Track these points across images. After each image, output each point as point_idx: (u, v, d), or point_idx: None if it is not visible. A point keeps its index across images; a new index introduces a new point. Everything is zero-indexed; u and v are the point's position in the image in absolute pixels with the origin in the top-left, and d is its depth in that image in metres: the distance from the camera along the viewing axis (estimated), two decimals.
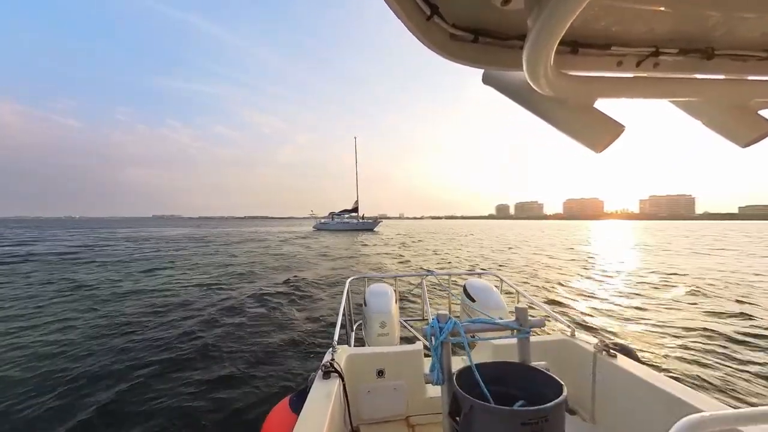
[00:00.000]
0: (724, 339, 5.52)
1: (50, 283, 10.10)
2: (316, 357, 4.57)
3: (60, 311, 7.17)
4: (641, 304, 7.93)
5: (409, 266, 14.76)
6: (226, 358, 4.66)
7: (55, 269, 12.86)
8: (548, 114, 1.11)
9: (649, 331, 6.03)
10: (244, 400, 3.61)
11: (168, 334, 5.61)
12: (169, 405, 3.51)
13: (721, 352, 5.02)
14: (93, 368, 4.38)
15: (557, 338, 2.17)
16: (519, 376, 1.26)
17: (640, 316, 6.90)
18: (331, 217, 56.97)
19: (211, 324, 6.19)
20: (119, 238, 32.88)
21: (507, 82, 1.19)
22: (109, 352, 4.90)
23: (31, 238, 30.57)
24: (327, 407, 1.42)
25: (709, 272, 12.62)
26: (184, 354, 4.79)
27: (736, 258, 17.48)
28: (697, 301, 8.22)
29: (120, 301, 8.04)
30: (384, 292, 2.95)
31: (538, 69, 0.84)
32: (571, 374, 1.71)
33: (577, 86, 0.96)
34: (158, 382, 3.98)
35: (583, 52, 0.95)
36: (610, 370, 1.78)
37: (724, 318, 6.78)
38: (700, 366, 4.56)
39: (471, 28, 0.91)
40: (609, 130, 1.01)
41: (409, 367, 2.04)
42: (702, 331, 5.87)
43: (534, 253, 20.44)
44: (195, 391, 3.78)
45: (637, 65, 0.98)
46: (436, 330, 1.25)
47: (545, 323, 1.42)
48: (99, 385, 3.94)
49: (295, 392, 1.71)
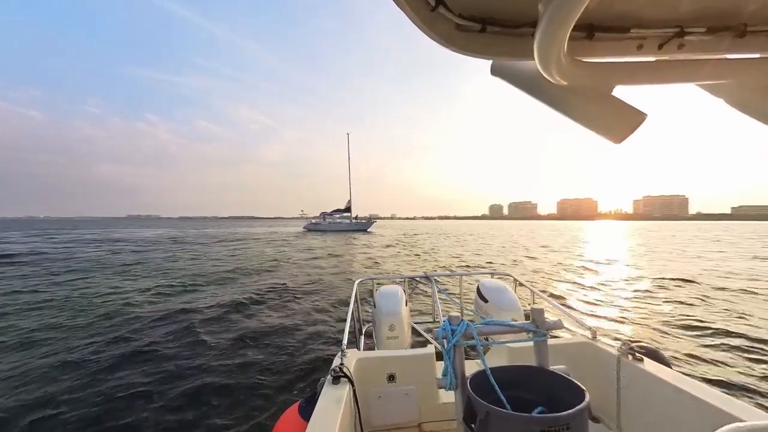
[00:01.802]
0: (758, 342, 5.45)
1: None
2: (325, 361, 4.59)
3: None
4: (660, 304, 8.17)
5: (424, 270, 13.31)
6: (232, 364, 4.68)
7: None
8: (562, 105, 1.08)
9: (674, 333, 6.01)
10: (253, 407, 3.65)
11: (163, 340, 5.58)
12: (177, 412, 3.54)
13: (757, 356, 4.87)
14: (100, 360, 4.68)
15: (577, 341, 2.06)
16: (537, 381, 1.24)
17: (663, 318, 6.93)
18: (323, 217, 56.62)
19: (212, 329, 6.18)
20: (84, 240, 30.75)
21: (517, 73, 1.16)
22: (117, 357, 4.91)
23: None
24: (337, 413, 1.39)
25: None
26: (187, 358, 4.82)
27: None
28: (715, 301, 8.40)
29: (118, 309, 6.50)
30: (394, 294, 2.96)
31: (551, 57, 0.83)
32: (592, 379, 1.72)
33: (594, 74, 0.96)
34: (163, 389, 3.97)
35: (600, 37, 0.92)
36: (636, 374, 1.69)
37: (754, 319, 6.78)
38: (735, 369, 4.49)
39: (478, 17, 0.89)
40: (629, 119, 0.99)
41: (420, 372, 2.01)
42: (730, 334, 5.85)
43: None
44: (203, 397, 3.81)
45: (659, 48, 0.94)
46: (447, 333, 1.24)
47: (563, 325, 1.37)
48: (100, 387, 4.02)
49: (305, 398, 1.70)
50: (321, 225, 54.88)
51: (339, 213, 55.75)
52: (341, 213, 55.70)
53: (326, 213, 56.39)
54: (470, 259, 17.34)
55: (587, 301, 8.55)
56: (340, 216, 55.90)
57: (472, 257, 18.39)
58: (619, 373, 1.77)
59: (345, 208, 55.49)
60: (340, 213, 55.74)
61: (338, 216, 55.92)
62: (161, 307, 7.64)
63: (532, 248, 24.58)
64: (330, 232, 49.92)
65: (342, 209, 55.59)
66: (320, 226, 54.62)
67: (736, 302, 8.28)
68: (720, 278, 11.69)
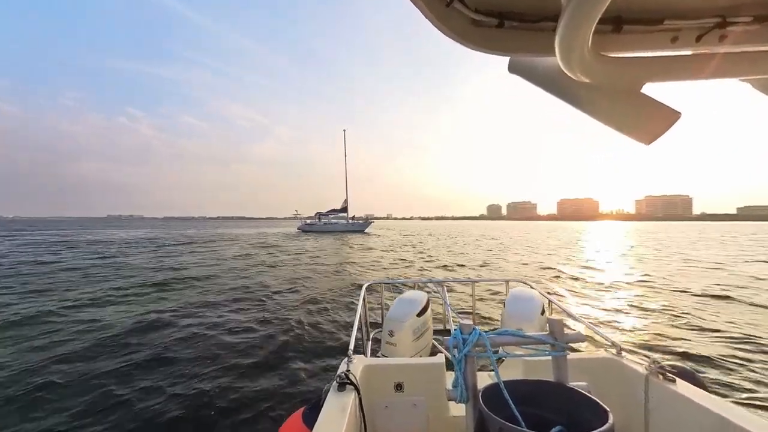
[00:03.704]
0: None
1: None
2: (331, 367, 4.55)
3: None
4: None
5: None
6: (233, 366, 4.67)
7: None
8: (586, 103, 1.03)
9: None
10: (255, 413, 3.62)
11: (164, 346, 5.37)
12: (176, 419, 3.52)
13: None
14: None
15: (600, 356, 1.97)
16: (555, 398, 1.18)
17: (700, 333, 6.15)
18: (318, 217, 55.53)
19: (213, 332, 5.97)
20: (49, 242, 27.68)
21: (537, 70, 1.12)
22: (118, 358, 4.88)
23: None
24: (342, 422, 1.38)
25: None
26: (189, 363, 4.77)
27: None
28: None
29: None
30: (406, 300, 2.95)
31: (574, 53, 0.80)
32: (617, 399, 1.65)
33: (621, 70, 0.91)
34: (161, 396, 3.91)
35: (629, 30, 0.88)
36: (666, 396, 1.57)
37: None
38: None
39: (495, 11, 0.87)
40: (661, 118, 0.94)
41: (429, 382, 1.96)
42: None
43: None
44: (204, 403, 3.80)
45: (697, 40, 0.88)
46: (459, 342, 1.22)
47: (584, 338, 1.34)
48: (101, 390, 3.98)
49: (309, 404, 1.70)
50: (316, 226, 53.74)
51: (335, 213, 54.80)
52: (337, 213, 54.75)
53: (321, 213, 55.29)
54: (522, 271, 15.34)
55: (609, 311, 7.78)
56: (336, 216, 54.96)
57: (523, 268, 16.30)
58: (647, 393, 1.63)
59: (341, 208, 54.55)
60: (336, 213, 54.81)
61: (334, 216, 54.97)
62: (161, 308, 7.66)
63: (543, 248, 24.11)
64: (325, 233, 48.73)
65: (338, 209, 54.64)
66: (315, 226, 53.52)
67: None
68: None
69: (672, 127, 0.93)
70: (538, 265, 15.66)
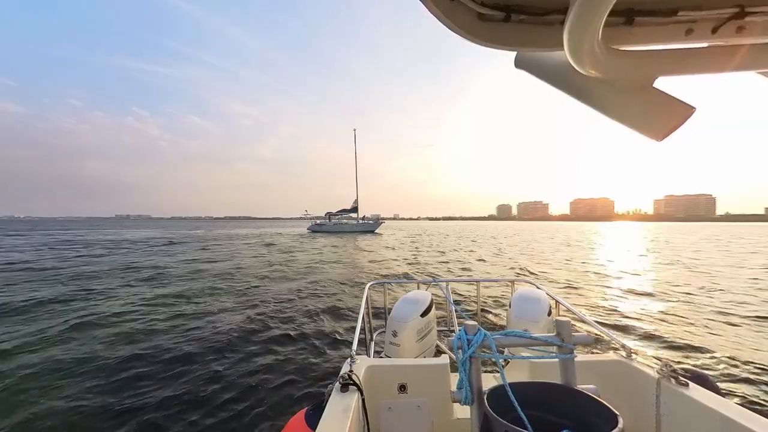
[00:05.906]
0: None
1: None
2: (334, 368, 4.61)
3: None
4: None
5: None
6: (233, 367, 4.72)
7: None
8: (596, 99, 1.03)
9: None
10: (257, 413, 3.66)
11: (170, 347, 5.42)
12: (176, 419, 3.57)
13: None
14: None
15: (609, 358, 1.93)
16: (562, 401, 1.19)
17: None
18: (328, 217, 55.79)
19: (216, 333, 6.00)
20: (61, 241, 28.41)
21: (545, 65, 1.11)
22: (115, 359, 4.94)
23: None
24: (344, 424, 1.38)
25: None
26: (191, 364, 4.83)
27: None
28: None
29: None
30: (409, 300, 2.94)
31: (583, 47, 0.79)
32: (627, 403, 1.66)
33: (633, 63, 0.90)
34: (165, 395, 3.99)
35: (641, 22, 0.87)
36: (679, 401, 1.54)
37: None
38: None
39: (502, 4, 0.86)
40: (674, 113, 0.93)
41: (434, 383, 1.95)
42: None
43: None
44: (207, 403, 3.85)
45: (713, 32, 0.86)
46: (463, 342, 1.22)
47: (593, 340, 1.32)
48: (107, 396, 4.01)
49: (311, 405, 1.70)
50: (326, 226, 54.04)
51: (345, 213, 55.03)
52: (347, 213, 54.96)
53: (332, 213, 55.59)
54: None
55: (621, 314, 7.51)
56: (347, 216, 55.22)
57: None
58: (658, 398, 1.62)
59: (351, 208, 54.69)
60: (346, 213, 55.03)
61: (344, 216, 55.21)
62: (160, 311, 7.63)
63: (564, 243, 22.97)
64: (337, 233, 48.96)
65: (348, 209, 54.82)
66: (325, 227, 53.79)
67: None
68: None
69: (686, 122, 0.93)
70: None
